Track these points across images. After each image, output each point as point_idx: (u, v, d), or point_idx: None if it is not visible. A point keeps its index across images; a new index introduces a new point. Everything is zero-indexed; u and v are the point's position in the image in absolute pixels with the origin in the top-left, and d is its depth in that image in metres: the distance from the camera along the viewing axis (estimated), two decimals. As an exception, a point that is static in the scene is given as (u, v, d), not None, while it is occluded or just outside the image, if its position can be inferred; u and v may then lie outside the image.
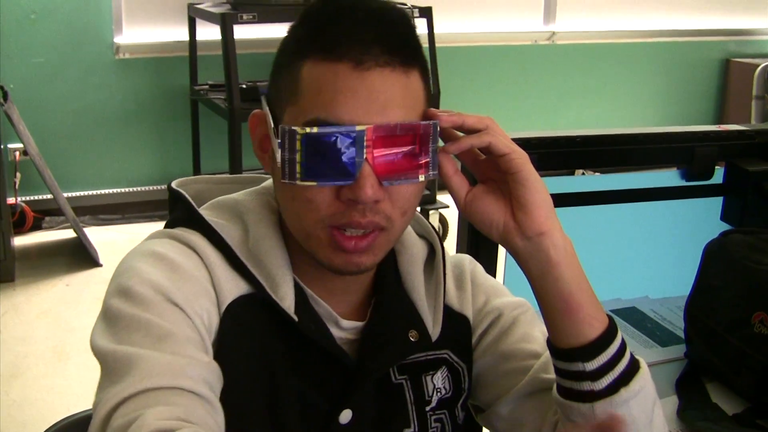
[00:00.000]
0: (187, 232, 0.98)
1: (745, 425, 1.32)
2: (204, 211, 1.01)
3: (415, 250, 1.07)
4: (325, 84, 0.89)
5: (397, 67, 0.90)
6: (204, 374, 0.87)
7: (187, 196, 1.02)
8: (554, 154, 1.61)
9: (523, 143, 0.96)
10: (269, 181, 1.06)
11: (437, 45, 4.17)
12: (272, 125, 0.93)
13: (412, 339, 1.03)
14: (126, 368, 0.84)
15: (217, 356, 0.92)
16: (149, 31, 4.42)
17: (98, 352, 0.88)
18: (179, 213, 1.03)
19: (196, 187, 1.08)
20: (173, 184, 1.06)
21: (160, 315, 0.88)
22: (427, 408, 1.05)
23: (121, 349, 0.86)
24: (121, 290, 0.90)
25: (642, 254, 1.84)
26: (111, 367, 0.86)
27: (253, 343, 0.95)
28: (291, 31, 0.96)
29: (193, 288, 0.92)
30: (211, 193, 1.08)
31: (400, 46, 0.91)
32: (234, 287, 0.95)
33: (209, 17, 4.00)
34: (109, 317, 0.90)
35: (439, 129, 0.93)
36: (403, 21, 0.93)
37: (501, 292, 1.13)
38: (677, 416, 1.36)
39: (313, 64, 0.90)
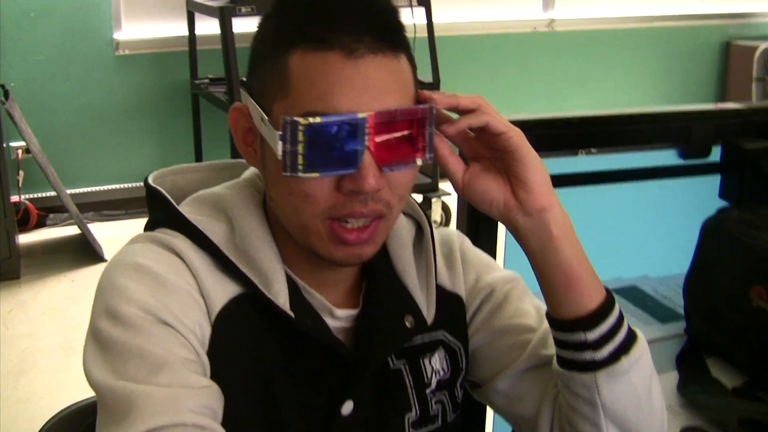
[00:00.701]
0: (170, 235, 0.95)
1: (745, 398, 1.33)
2: (185, 207, 0.99)
3: (403, 232, 1.06)
4: (317, 75, 0.87)
5: (388, 52, 0.89)
6: (204, 402, 0.86)
7: (165, 194, 0.99)
8: (552, 135, 1.62)
9: (521, 125, 0.96)
10: (249, 173, 1.04)
11: (437, 34, 4.17)
12: (265, 117, 0.91)
13: (408, 324, 1.02)
14: (126, 408, 0.83)
15: (212, 364, 0.91)
16: (148, 26, 4.43)
17: (95, 386, 0.87)
18: (159, 212, 1.00)
19: (173, 179, 1.06)
20: (150, 180, 1.03)
21: (152, 340, 0.87)
22: (427, 391, 1.05)
23: (119, 385, 0.84)
24: (109, 312, 0.88)
25: (641, 233, 1.84)
26: (110, 405, 0.85)
27: (247, 345, 0.94)
28: (268, 21, 0.94)
29: (181, 302, 0.90)
30: (190, 183, 1.06)
31: (389, 31, 0.91)
32: (223, 291, 0.94)
33: (208, 11, 4.01)
34: (100, 342, 0.88)
35: (439, 110, 0.93)
36: (388, 6, 0.92)
37: (491, 266, 1.13)
38: (678, 391, 1.37)
39: (302, 55, 0.88)
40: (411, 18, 3.92)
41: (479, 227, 1.57)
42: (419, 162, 0.92)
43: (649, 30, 5.47)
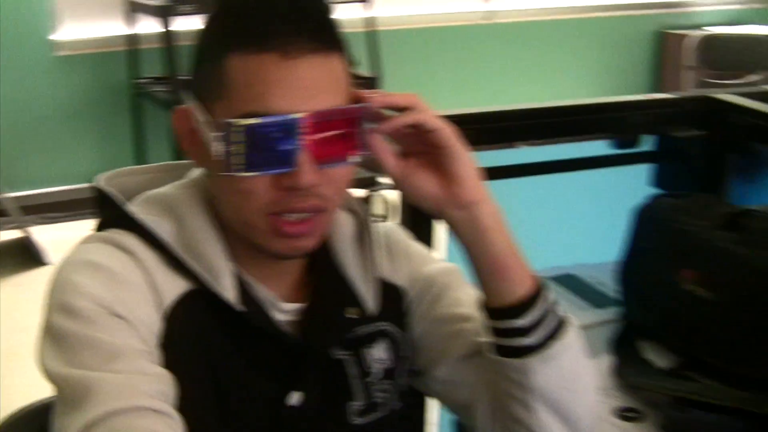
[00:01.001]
0: (120, 234, 0.98)
1: (677, 378, 1.38)
2: (134, 208, 1.01)
3: (344, 229, 1.10)
4: (254, 77, 0.90)
5: (322, 52, 0.92)
6: (158, 387, 0.89)
7: (115, 193, 1.02)
8: (488, 129, 1.65)
9: (458, 119, 1.00)
10: (195, 173, 1.06)
11: (380, 29, 4.20)
12: (205, 119, 0.94)
13: (351, 316, 1.06)
14: (83, 394, 0.85)
15: (164, 357, 0.93)
16: (89, 26, 4.38)
17: (51, 377, 0.89)
18: (109, 213, 1.02)
19: (122, 181, 1.07)
20: (98, 182, 1.04)
21: (105, 331, 0.89)
22: (372, 380, 1.08)
23: (74, 373, 0.87)
24: (63, 307, 0.91)
25: (576, 222, 1.89)
26: (67, 393, 0.87)
27: (198, 339, 0.97)
28: (210, 23, 0.97)
29: (133, 295, 0.93)
30: (139, 184, 1.08)
31: (323, 31, 0.94)
32: (173, 287, 0.96)
33: (148, 10, 3.99)
34: (54, 336, 0.90)
35: (374, 109, 0.96)
36: (322, 7, 0.95)
37: (429, 259, 1.16)
38: (613, 374, 1.42)
39: (239, 57, 0.91)
40: (353, 13, 3.95)
41: (421, 220, 1.60)
42: (355, 159, 0.96)
43: (585, 20, 5.55)
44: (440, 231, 1.56)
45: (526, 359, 0.98)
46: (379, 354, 1.09)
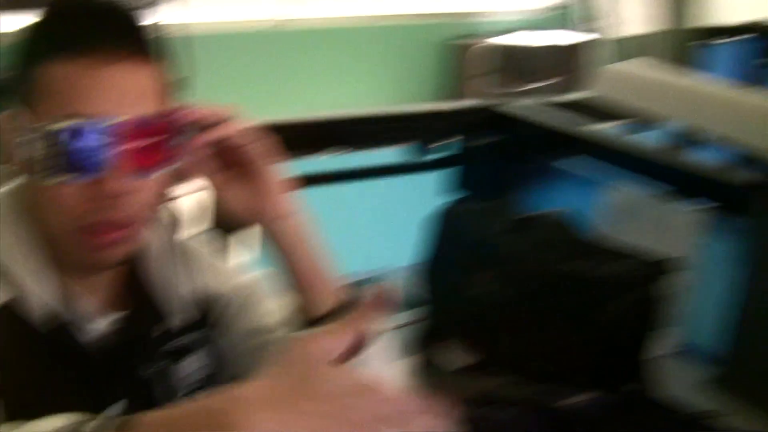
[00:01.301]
0: None
1: (477, 375, 1.46)
2: None
3: (157, 240, 1.08)
4: (64, 83, 0.89)
5: (133, 61, 0.92)
6: None
7: None
8: (297, 137, 1.68)
9: (269, 128, 1.02)
10: (16, 181, 1.02)
11: (197, 32, 4.14)
12: (14, 124, 0.92)
13: (165, 328, 1.05)
14: None
15: None
16: None
17: None
18: None
19: None
20: None
21: None
22: (186, 393, 1.07)
23: None
24: None
25: (388, 226, 1.95)
26: None
27: (11, 353, 0.94)
28: (27, 29, 0.95)
29: None
30: None
31: (133, 40, 0.93)
32: None
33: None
34: None
35: (186, 120, 0.97)
36: (135, 14, 0.95)
37: (239, 271, 1.17)
38: (415, 373, 1.48)
39: (52, 63, 0.90)
40: (167, 16, 3.84)
41: (234, 230, 1.62)
42: (171, 168, 0.96)
43: (384, 28, 5.61)
44: (254, 241, 1.58)
45: None
46: (194, 366, 1.08)
